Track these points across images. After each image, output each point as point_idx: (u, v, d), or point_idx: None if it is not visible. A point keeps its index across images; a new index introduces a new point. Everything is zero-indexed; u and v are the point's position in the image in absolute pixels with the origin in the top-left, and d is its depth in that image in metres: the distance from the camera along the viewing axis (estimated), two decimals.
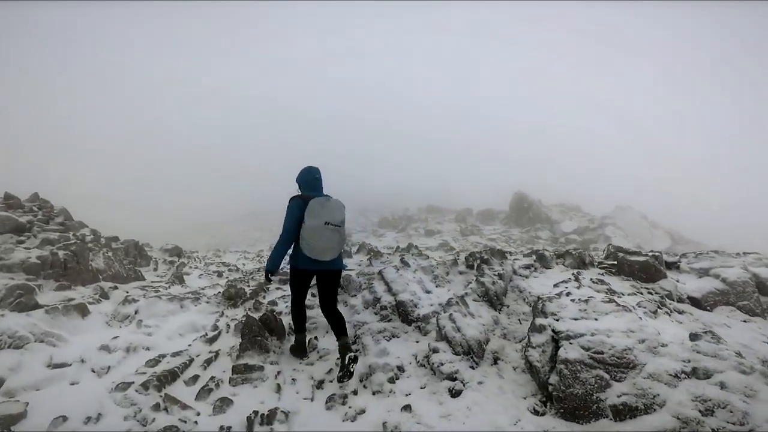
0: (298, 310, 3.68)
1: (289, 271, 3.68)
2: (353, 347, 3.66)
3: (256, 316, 4.71)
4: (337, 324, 3.48)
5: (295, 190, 3.70)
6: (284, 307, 4.88)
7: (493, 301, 4.08)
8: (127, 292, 4.91)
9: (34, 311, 3.72)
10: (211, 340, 3.99)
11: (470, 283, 4.40)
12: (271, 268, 3.45)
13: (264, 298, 5.30)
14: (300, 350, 3.77)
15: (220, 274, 6.42)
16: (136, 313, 4.45)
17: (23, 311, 3.67)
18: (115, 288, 4.86)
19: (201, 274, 6.34)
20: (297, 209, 3.36)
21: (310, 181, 3.60)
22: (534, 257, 4.84)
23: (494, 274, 4.35)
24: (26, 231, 4.74)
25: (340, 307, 4.90)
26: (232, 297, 5.04)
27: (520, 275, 4.56)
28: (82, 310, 4.04)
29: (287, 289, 5.66)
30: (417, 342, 3.95)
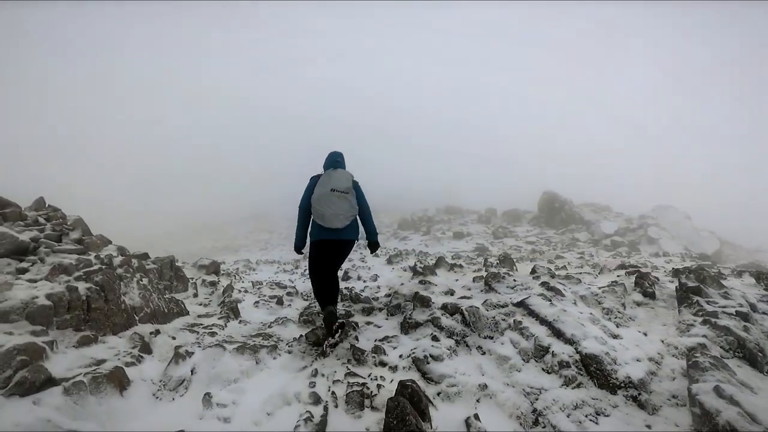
0: (322, 283, 3.73)
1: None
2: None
3: (366, 373, 3.29)
4: (332, 290, 3.73)
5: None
6: (397, 357, 3.45)
7: (757, 359, 2.65)
8: (174, 338, 3.47)
9: (44, 392, 2.28)
10: (321, 426, 2.56)
11: (692, 325, 2.96)
12: (298, 244, 3.81)
13: (357, 339, 3.86)
14: (331, 318, 3.61)
15: (280, 301, 4.96)
16: (193, 373, 3.01)
17: (28, 394, 2.23)
18: (157, 333, 3.42)
19: (256, 302, 4.89)
20: (311, 184, 3.72)
21: (331, 163, 3.90)
22: (763, 282, 3.41)
23: (730, 313, 2.92)
24: (30, 253, 3.29)
25: (477, 356, 3.53)
26: (319, 341, 3.60)
27: (762, 312, 3.12)
28: (119, 381, 2.60)
29: (382, 324, 4.24)
30: (648, 427, 2.53)
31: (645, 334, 3.23)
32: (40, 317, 2.72)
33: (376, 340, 3.81)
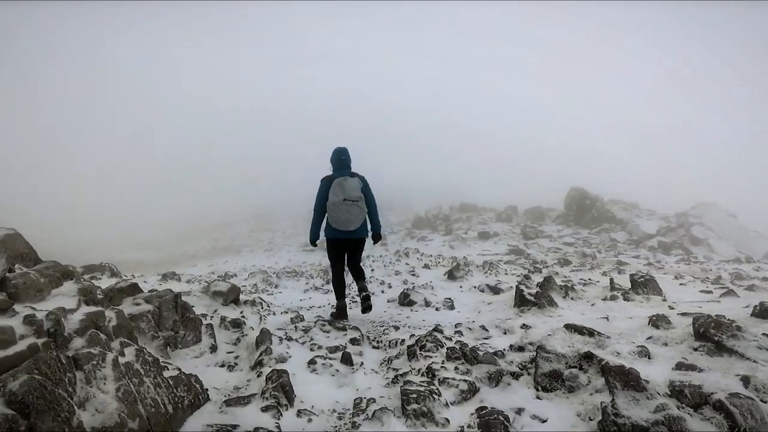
0: (338, 279, 4.38)
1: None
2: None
3: None
4: (358, 274, 4.36)
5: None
6: None
7: None
8: None
9: None
10: None
11: None
12: (313, 238, 4.38)
13: None
14: (341, 314, 4.26)
15: (346, 358, 3.16)
16: None
17: None
18: None
19: (312, 361, 3.08)
20: (324, 189, 4.18)
21: (336, 161, 4.33)
22: None
23: None
24: None
25: None
26: None
27: None
28: None
29: (545, 414, 2.49)
30: None
31: None
32: None
33: None
